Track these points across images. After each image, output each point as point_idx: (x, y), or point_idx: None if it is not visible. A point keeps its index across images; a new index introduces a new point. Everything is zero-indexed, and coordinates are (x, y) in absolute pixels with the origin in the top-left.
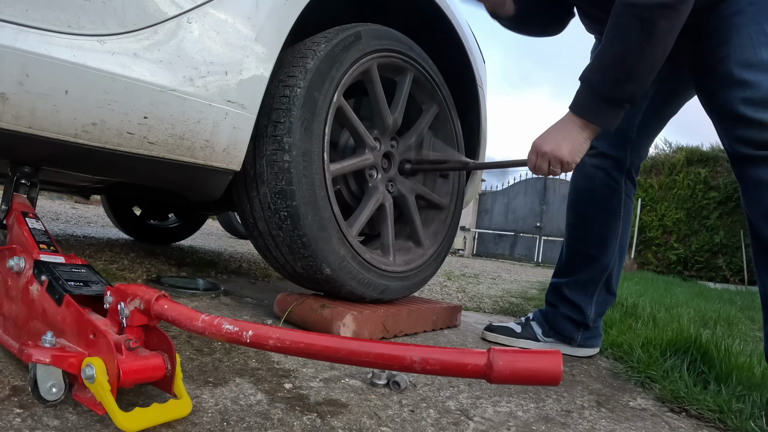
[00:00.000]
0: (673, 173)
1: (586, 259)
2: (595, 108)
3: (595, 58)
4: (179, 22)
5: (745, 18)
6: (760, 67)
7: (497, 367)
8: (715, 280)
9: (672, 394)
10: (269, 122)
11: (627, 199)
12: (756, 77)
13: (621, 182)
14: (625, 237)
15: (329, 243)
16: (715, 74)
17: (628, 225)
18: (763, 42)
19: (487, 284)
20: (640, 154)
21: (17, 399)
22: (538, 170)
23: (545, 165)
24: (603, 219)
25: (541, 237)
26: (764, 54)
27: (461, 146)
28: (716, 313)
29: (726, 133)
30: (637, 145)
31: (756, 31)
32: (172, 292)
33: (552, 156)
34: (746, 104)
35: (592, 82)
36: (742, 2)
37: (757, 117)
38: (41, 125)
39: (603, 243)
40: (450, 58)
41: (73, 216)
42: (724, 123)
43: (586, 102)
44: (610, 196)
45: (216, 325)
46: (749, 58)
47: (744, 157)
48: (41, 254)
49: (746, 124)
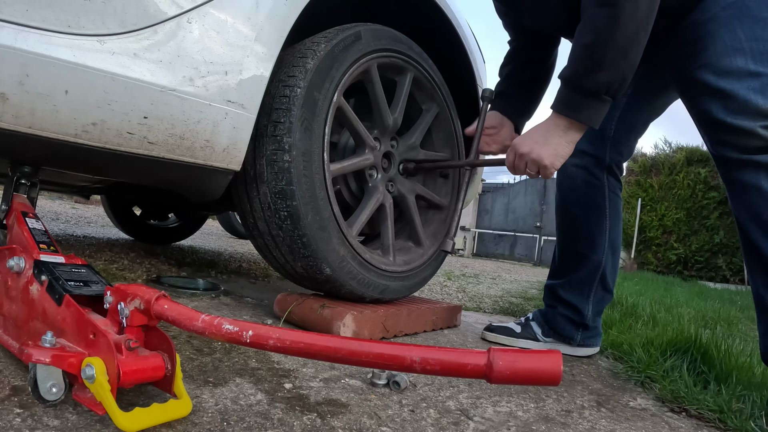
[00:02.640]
0: (673, 173)
1: (578, 259)
2: (575, 103)
3: (570, 53)
4: (179, 22)
5: (718, 24)
6: (735, 74)
7: (497, 367)
8: (715, 280)
9: (672, 394)
10: (269, 122)
11: (612, 195)
12: (732, 86)
13: (603, 179)
14: (614, 233)
15: (329, 243)
16: (693, 82)
17: (617, 221)
18: (737, 48)
19: (487, 284)
20: (621, 151)
21: (17, 399)
22: (516, 170)
23: (522, 165)
24: (589, 217)
25: (541, 237)
26: (739, 61)
27: (461, 146)
28: (716, 313)
29: (708, 138)
30: (617, 142)
31: (730, 38)
32: (172, 292)
33: (529, 159)
34: (725, 111)
35: (568, 76)
36: (715, 8)
37: (737, 124)
38: (41, 125)
39: (592, 241)
40: (450, 58)
41: (73, 216)
42: (706, 128)
43: (564, 97)
44: (593, 194)
45: (216, 325)
46: (724, 66)
47: (728, 160)
48: (41, 254)
49: (727, 130)
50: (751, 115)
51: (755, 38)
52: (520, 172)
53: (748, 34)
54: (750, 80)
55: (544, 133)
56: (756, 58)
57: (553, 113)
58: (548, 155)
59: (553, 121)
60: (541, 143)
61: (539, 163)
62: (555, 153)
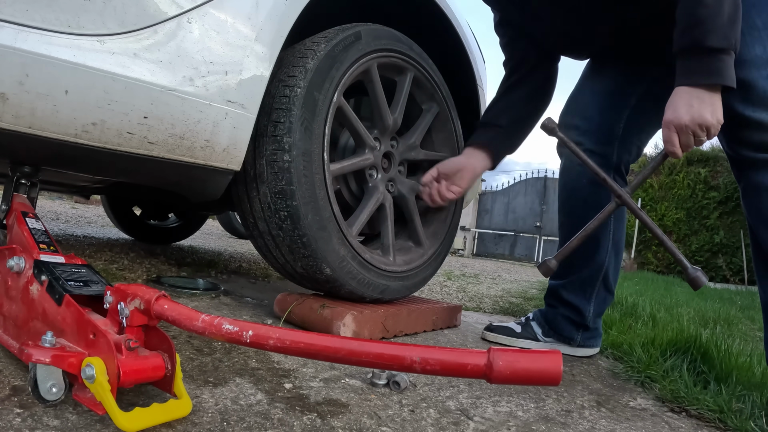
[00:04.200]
0: (673, 173)
1: (581, 259)
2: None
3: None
4: (179, 22)
5: None
6: (753, 63)
7: (497, 367)
8: (715, 280)
9: (672, 394)
10: (269, 122)
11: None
12: (751, 74)
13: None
14: (618, 234)
15: (329, 243)
16: None
17: (621, 222)
18: (755, 37)
19: (487, 284)
20: (630, 151)
21: (17, 399)
22: (685, 147)
23: (690, 138)
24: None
25: (541, 237)
26: (757, 49)
27: (461, 146)
28: (716, 313)
29: (725, 135)
30: (625, 142)
31: (747, 28)
32: (172, 292)
33: (694, 125)
34: (744, 104)
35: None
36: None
37: (756, 117)
38: (41, 125)
39: (596, 241)
40: (450, 58)
41: (73, 216)
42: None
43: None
44: (599, 194)
45: (216, 325)
46: (742, 55)
47: (744, 160)
48: (41, 254)
49: (745, 124)
50: None
51: None
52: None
53: (766, 22)
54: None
55: (690, 99)
56: None
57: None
58: (711, 112)
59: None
60: (696, 106)
61: (705, 122)
62: (714, 108)
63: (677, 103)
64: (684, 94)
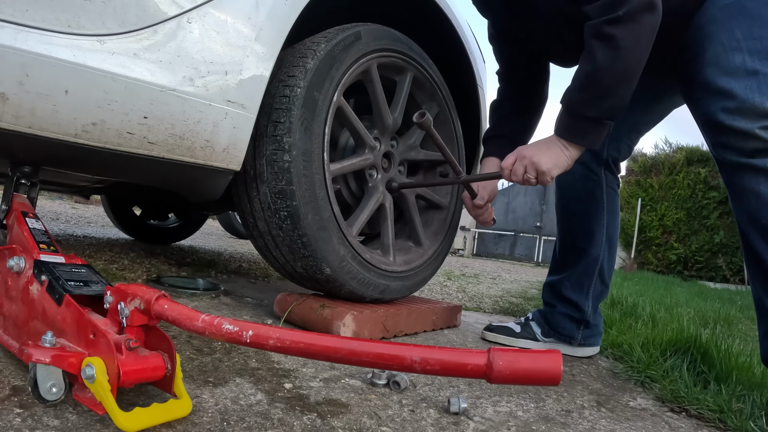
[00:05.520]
0: (673, 173)
1: (576, 253)
2: (577, 129)
3: (572, 81)
4: (179, 22)
5: (717, 26)
6: (734, 73)
7: (497, 367)
8: (715, 280)
9: (672, 394)
10: (269, 122)
11: (610, 190)
12: (731, 84)
13: (600, 174)
14: (612, 228)
15: (329, 243)
16: (696, 83)
17: (614, 216)
18: (734, 47)
19: (487, 284)
20: (619, 147)
21: (17, 399)
22: (514, 174)
23: (521, 169)
24: (588, 211)
25: (541, 237)
26: (737, 59)
27: (461, 146)
28: (716, 313)
29: (710, 140)
30: (615, 138)
31: (727, 38)
32: (172, 292)
33: (529, 162)
34: (725, 113)
35: (571, 105)
36: (713, 9)
37: (735, 125)
38: (41, 125)
39: (590, 235)
40: (450, 58)
41: (73, 216)
42: (707, 130)
43: (566, 123)
44: (592, 189)
45: (216, 325)
46: (724, 65)
47: (728, 163)
48: (41, 254)
49: (727, 132)
50: (749, 116)
51: (753, 37)
52: (519, 176)
53: (746, 33)
54: (748, 79)
55: (547, 143)
56: (754, 56)
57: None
58: (547, 162)
59: (555, 139)
60: (543, 151)
61: (538, 167)
62: (555, 163)
63: (540, 140)
64: (549, 137)
